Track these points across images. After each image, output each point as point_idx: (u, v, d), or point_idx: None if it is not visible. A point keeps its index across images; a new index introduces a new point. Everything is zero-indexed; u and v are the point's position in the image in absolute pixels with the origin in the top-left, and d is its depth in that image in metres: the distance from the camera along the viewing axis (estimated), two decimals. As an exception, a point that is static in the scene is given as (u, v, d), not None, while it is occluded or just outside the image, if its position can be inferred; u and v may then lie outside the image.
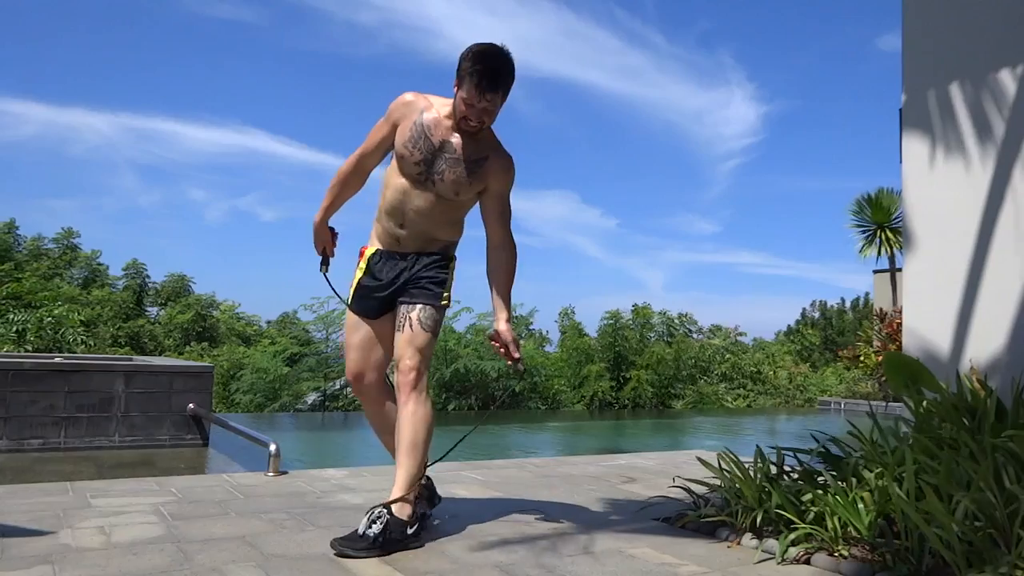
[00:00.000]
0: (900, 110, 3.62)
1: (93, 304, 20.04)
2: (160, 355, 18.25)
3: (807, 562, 2.33)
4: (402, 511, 2.45)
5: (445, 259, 2.73)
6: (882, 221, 18.02)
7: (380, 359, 2.76)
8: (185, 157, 40.33)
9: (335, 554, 2.33)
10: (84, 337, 15.94)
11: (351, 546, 2.33)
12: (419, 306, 2.62)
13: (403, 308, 2.63)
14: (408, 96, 2.64)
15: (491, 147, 2.64)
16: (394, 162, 2.67)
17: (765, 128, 49.96)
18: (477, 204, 2.74)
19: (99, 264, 23.39)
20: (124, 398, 5.68)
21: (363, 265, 2.76)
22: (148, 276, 23.75)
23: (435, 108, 2.61)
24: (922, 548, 2.14)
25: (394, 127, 2.64)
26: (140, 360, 7.46)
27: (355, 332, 2.77)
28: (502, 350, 2.63)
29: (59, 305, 16.51)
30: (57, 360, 6.04)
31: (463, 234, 2.81)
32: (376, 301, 2.72)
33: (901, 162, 3.61)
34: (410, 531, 2.44)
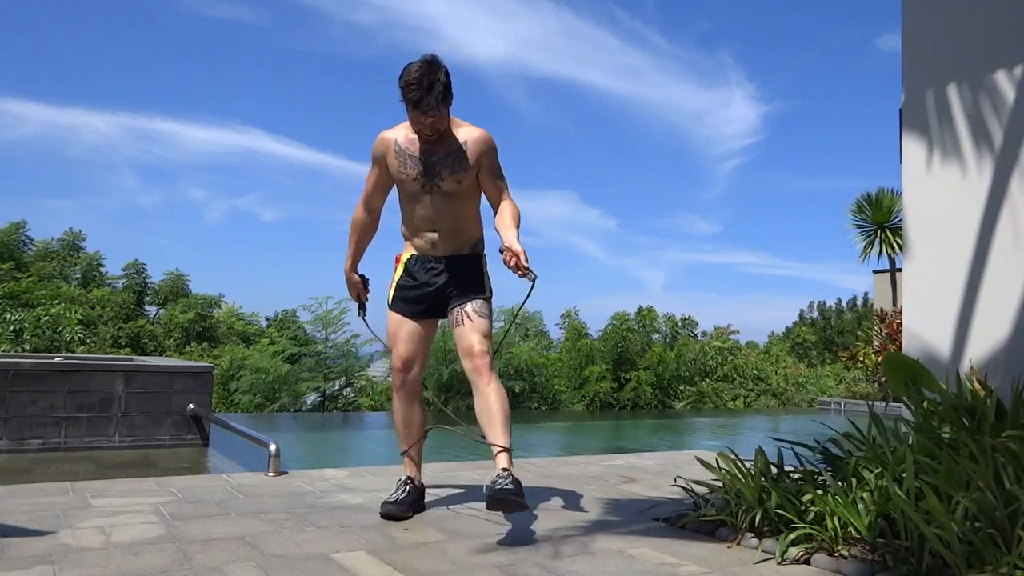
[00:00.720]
0: (900, 110, 3.62)
1: (93, 304, 20.03)
2: (161, 355, 18.25)
3: (807, 562, 2.33)
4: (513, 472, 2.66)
5: (477, 258, 3.01)
6: (882, 221, 18.02)
7: (423, 355, 3.02)
8: (185, 157, 40.37)
9: (490, 505, 2.51)
10: (82, 336, 15.92)
11: (507, 496, 2.50)
12: (471, 300, 2.91)
13: (456, 308, 2.91)
14: (381, 135, 2.94)
15: (463, 133, 2.88)
16: (401, 190, 2.96)
17: (765, 128, 50.00)
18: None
19: (99, 263, 23.39)
20: (124, 398, 5.68)
21: (400, 269, 3.02)
22: (148, 276, 23.75)
23: (402, 131, 2.89)
24: (922, 548, 2.14)
25: (381, 166, 2.94)
26: (140, 360, 7.47)
27: (401, 327, 2.99)
28: (512, 260, 2.70)
29: (57, 304, 16.50)
30: (57, 360, 6.04)
31: (483, 230, 3.05)
32: (416, 303, 2.98)
33: (901, 162, 3.61)
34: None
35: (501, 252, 2.75)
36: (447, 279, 2.93)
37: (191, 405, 5.89)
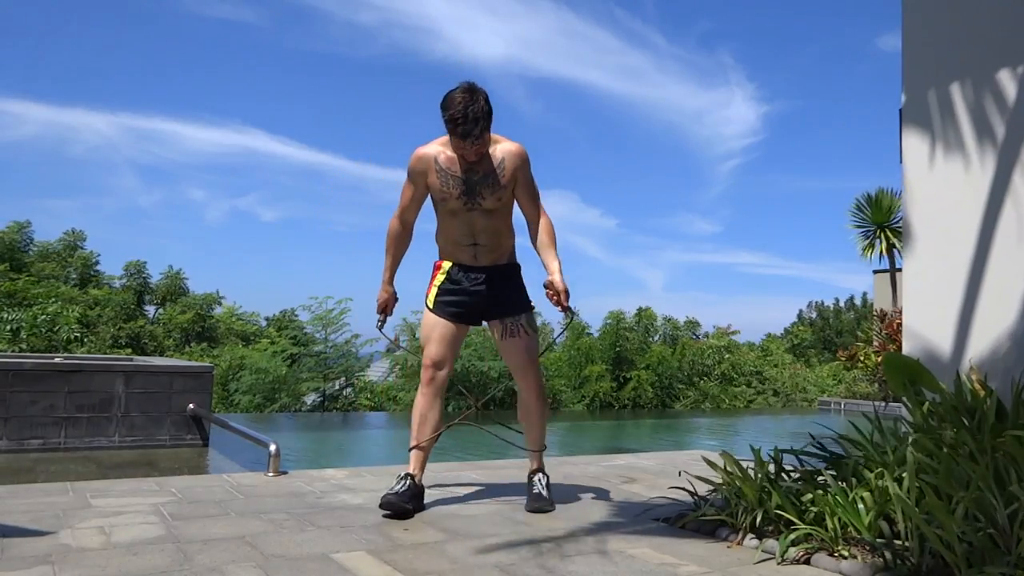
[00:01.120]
0: (900, 110, 3.62)
1: (92, 304, 20.03)
2: (161, 355, 18.25)
3: (807, 562, 2.33)
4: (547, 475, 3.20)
5: (516, 267, 3.19)
6: (882, 221, 18.01)
7: (453, 357, 3.12)
8: (185, 157, 40.37)
9: (530, 510, 3.00)
10: (80, 335, 15.91)
11: (545, 505, 3.01)
12: (523, 315, 3.11)
13: (509, 321, 3.09)
14: (419, 151, 3.02)
15: (500, 150, 2.99)
16: (441, 206, 3.07)
17: (765, 128, 49.99)
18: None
19: (95, 262, 23.37)
20: (124, 398, 5.68)
21: (441, 276, 3.14)
22: (149, 276, 23.74)
23: (440, 149, 3.00)
24: (922, 548, 2.14)
25: (420, 183, 3.04)
26: (140, 360, 7.46)
27: (436, 328, 3.10)
28: (554, 299, 2.97)
29: (53, 302, 16.48)
30: (57, 360, 6.04)
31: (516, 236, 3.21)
32: (456, 307, 3.10)
33: (901, 162, 3.61)
34: None
35: (545, 287, 2.98)
36: (489, 289, 3.09)
37: (191, 405, 5.89)
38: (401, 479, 2.98)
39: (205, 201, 43.72)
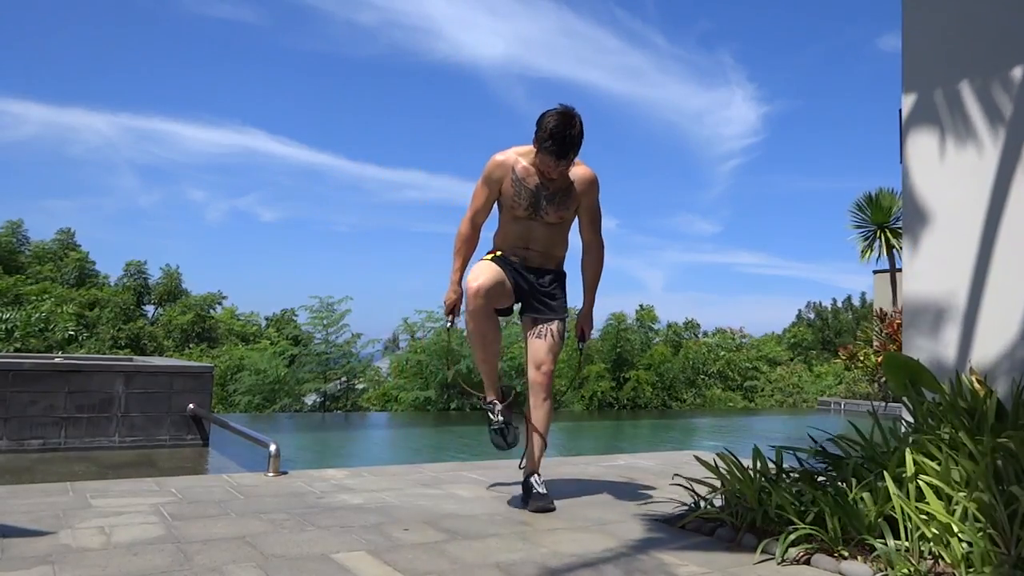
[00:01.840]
0: (900, 110, 3.62)
1: (91, 304, 20.03)
2: (160, 356, 18.24)
3: (807, 562, 2.33)
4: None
5: (563, 275, 3.28)
6: (882, 221, 18.02)
7: (499, 296, 3.09)
8: (185, 157, 40.39)
9: (533, 510, 2.99)
10: (74, 332, 15.88)
11: (547, 504, 3.03)
12: (556, 321, 3.19)
13: (543, 323, 3.18)
14: (498, 157, 3.12)
15: (573, 172, 3.10)
16: (506, 211, 3.17)
17: (765, 128, 49.98)
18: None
19: (89, 261, 23.34)
20: (124, 398, 5.68)
21: (497, 255, 3.20)
22: (149, 276, 23.72)
23: (521, 161, 3.09)
24: (922, 549, 2.14)
25: (494, 188, 3.13)
26: (140, 360, 7.46)
27: (489, 268, 3.09)
28: (578, 333, 3.42)
29: (47, 300, 16.46)
30: (57, 360, 6.04)
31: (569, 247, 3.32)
32: (512, 272, 3.15)
33: (901, 162, 3.61)
34: None
35: (576, 319, 3.39)
36: (543, 285, 3.20)
37: (191, 405, 5.89)
38: (494, 419, 3.19)
39: (205, 201, 43.77)
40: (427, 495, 3.24)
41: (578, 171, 3.12)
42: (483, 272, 3.08)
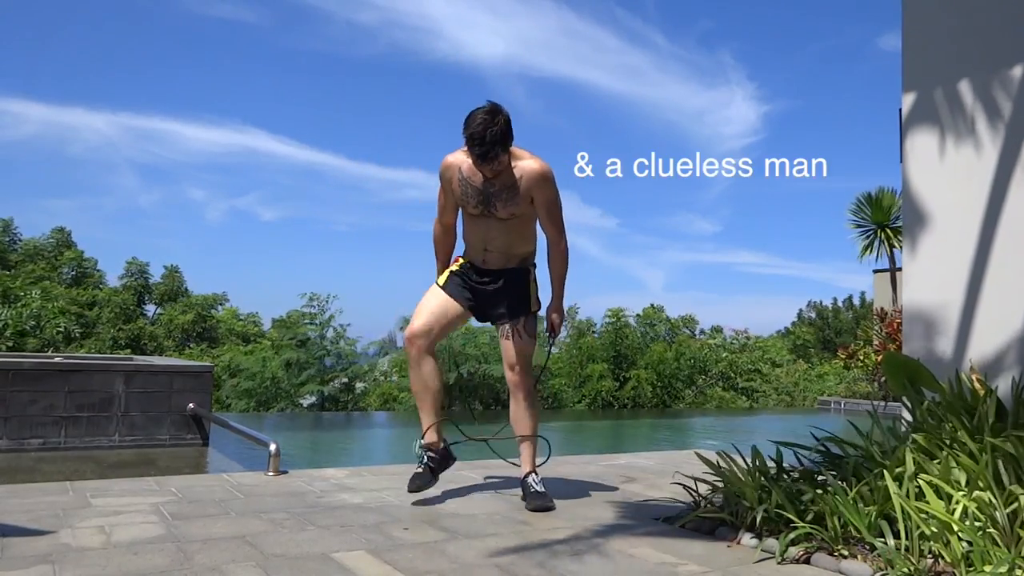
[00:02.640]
0: (900, 110, 3.62)
1: (89, 304, 20.00)
2: (160, 356, 18.22)
3: (807, 561, 2.33)
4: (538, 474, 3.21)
5: (525, 272, 3.25)
6: (882, 221, 17.99)
7: (441, 333, 3.21)
8: (185, 157, 40.33)
9: (531, 509, 3.00)
10: (65, 326, 15.82)
11: (544, 503, 3.04)
12: (521, 318, 3.20)
13: (508, 325, 3.19)
14: (448, 159, 3.15)
15: (520, 167, 3.06)
16: (463, 208, 3.22)
17: (766, 127, 49.90)
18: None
19: (87, 260, 23.29)
20: (124, 398, 5.68)
21: (455, 267, 3.28)
22: (150, 276, 23.67)
23: (466, 160, 3.08)
24: (922, 548, 2.14)
25: (448, 189, 3.18)
26: (140, 360, 7.46)
27: (434, 299, 3.20)
28: (548, 327, 3.34)
29: (36, 297, 16.42)
30: (57, 360, 6.04)
31: (536, 243, 3.29)
32: (462, 290, 3.21)
33: (901, 162, 3.61)
34: None
35: (545, 317, 3.32)
36: (496, 289, 3.20)
37: (191, 405, 5.89)
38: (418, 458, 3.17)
39: (205, 201, 43.68)
40: (427, 494, 3.24)
41: (526, 165, 3.06)
42: (421, 311, 3.17)
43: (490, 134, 2.87)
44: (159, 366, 6.08)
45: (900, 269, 11.52)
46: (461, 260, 3.29)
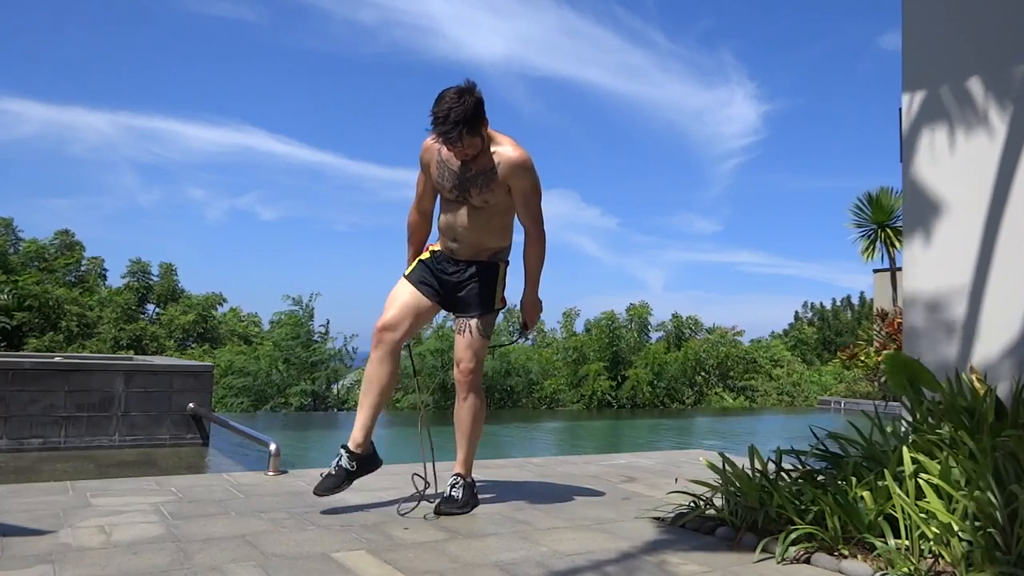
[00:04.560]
0: (900, 109, 3.62)
1: (91, 305, 19.99)
2: (161, 356, 18.22)
3: (807, 561, 2.33)
4: (468, 478, 3.06)
5: (494, 267, 3.12)
6: (882, 221, 18.00)
7: (411, 327, 3.09)
8: (185, 156, 40.39)
9: (436, 512, 2.89)
10: (69, 324, 15.82)
11: (449, 508, 2.92)
12: (476, 315, 3.08)
13: (463, 320, 3.09)
14: (427, 142, 3.04)
15: (499, 153, 2.97)
16: (440, 192, 3.12)
17: (766, 127, 49.96)
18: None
19: (93, 259, 23.26)
20: (124, 397, 5.69)
21: (426, 255, 3.18)
22: (151, 275, 23.61)
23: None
24: (922, 548, 2.14)
25: (427, 172, 3.10)
26: (140, 359, 7.47)
27: (402, 293, 3.10)
28: (522, 324, 3.28)
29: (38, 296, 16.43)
30: (57, 360, 6.04)
31: (512, 240, 3.17)
32: (428, 281, 3.11)
33: (902, 161, 3.61)
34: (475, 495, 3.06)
35: (519, 307, 3.22)
36: (460, 281, 3.09)
37: (191, 404, 5.89)
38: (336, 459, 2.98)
39: (205, 200, 43.82)
40: (427, 494, 3.24)
41: (505, 152, 2.96)
42: (393, 303, 3.06)
43: (454, 114, 2.75)
44: (159, 366, 6.08)
45: (900, 269, 11.52)
46: (432, 248, 3.18)
